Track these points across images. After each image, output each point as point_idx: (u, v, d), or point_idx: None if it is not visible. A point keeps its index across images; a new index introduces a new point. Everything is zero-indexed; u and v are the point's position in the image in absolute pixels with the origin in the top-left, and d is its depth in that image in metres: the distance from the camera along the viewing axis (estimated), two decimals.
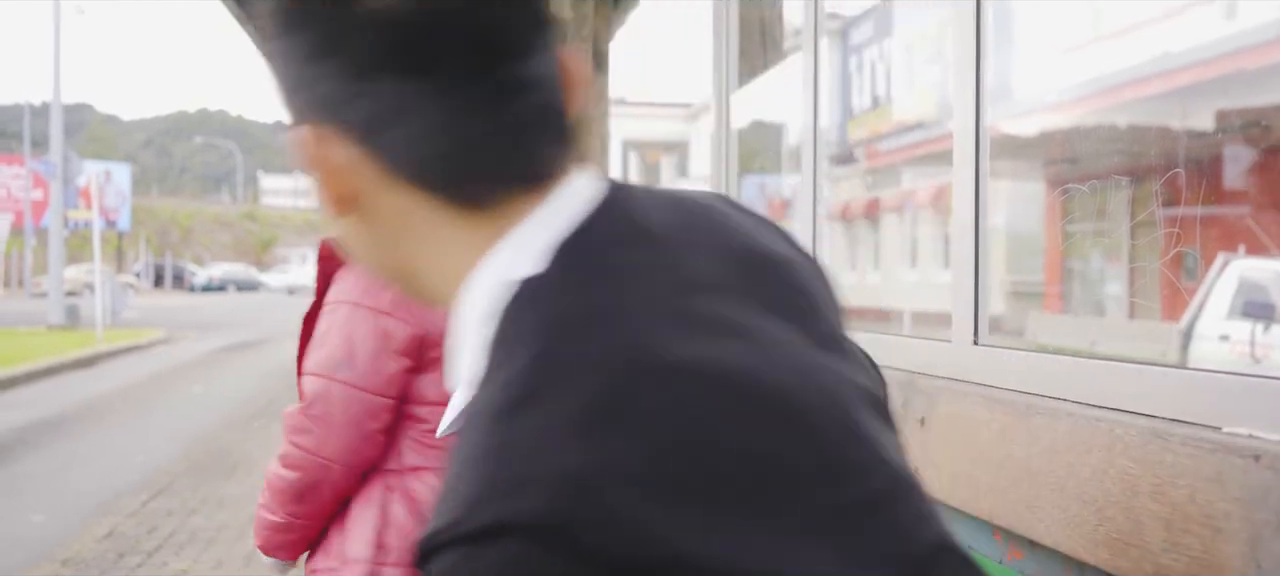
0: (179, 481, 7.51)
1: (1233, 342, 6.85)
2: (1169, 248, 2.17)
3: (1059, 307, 10.60)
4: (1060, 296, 10.69)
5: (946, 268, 7.40)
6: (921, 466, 1.87)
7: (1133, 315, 9.10)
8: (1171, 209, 1.96)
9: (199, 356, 18.74)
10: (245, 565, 5.35)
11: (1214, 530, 1.21)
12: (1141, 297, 8.50)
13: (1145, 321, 8.43)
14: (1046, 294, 10.89)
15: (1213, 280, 7.07)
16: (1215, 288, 7.08)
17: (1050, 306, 10.77)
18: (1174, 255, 2.27)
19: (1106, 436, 1.40)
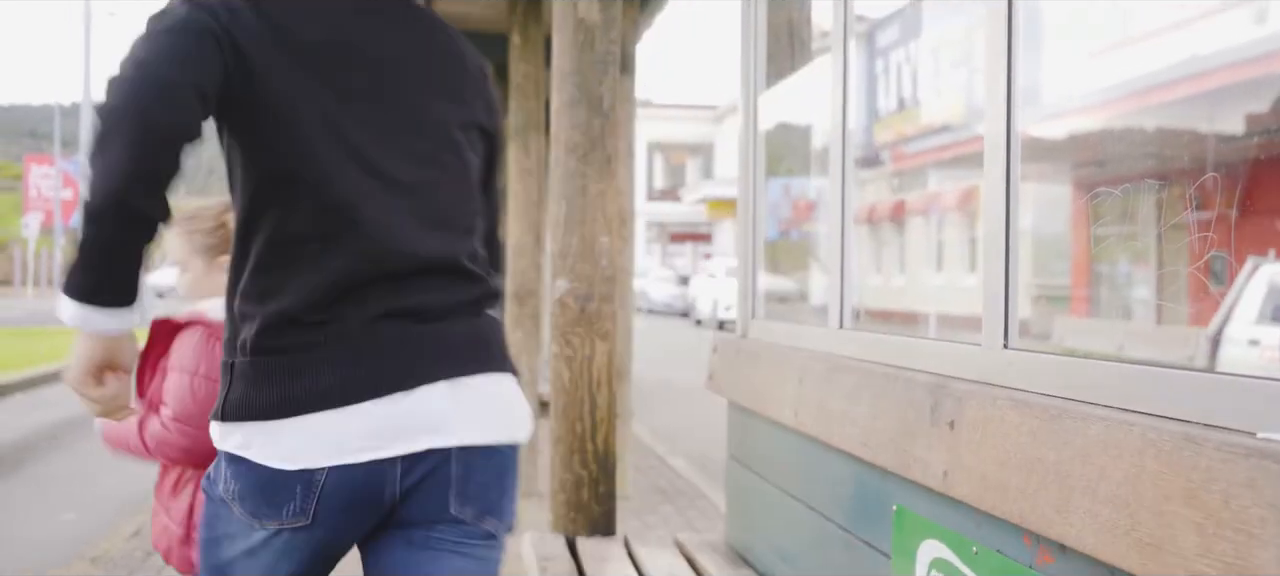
0: None
1: (1263, 347, 6.80)
2: (1198, 252, 2.16)
3: (1086, 311, 10.55)
4: (1088, 300, 10.65)
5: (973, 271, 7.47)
6: (951, 470, 1.87)
7: (1161, 320, 9.05)
8: (1201, 213, 1.95)
9: None
10: None
11: (1248, 536, 1.21)
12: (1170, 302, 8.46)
13: (1173, 326, 8.38)
14: (1073, 298, 10.85)
15: (1242, 284, 7.03)
16: (1245, 292, 7.03)
17: (1077, 310, 10.72)
18: (1204, 260, 2.26)
19: (1139, 440, 1.40)
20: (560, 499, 3.63)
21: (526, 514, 6.50)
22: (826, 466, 2.56)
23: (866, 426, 2.23)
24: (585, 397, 3.61)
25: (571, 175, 3.63)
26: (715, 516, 6.43)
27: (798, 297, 9.82)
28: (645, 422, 10.24)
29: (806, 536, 2.71)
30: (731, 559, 3.29)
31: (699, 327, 28.96)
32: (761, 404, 2.98)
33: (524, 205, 7.28)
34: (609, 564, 3.29)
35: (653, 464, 8.26)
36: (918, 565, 2.09)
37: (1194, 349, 7.06)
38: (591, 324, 3.62)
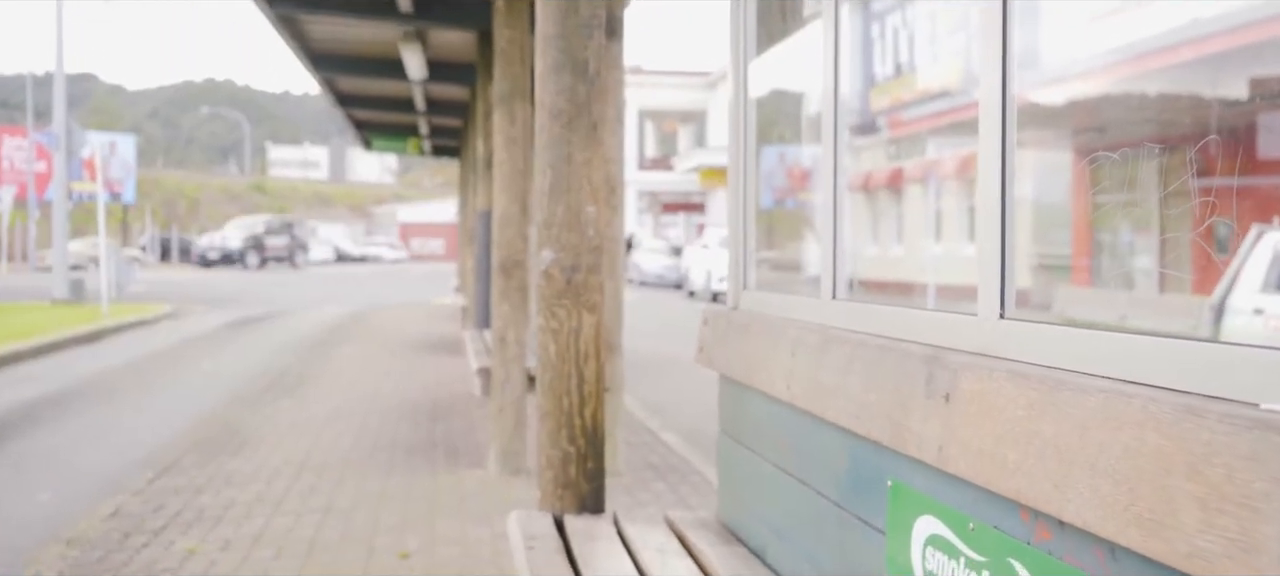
0: (186, 459, 7.55)
1: (1267, 317, 6.80)
2: (1201, 219, 2.15)
3: (1087, 281, 10.55)
4: (1089, 269, 10.64)
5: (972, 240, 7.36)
6: (946, 444, 1.86)
7: (1163, 289, 9.06)
8: (1204, 179, 1.94)
9: (206, 331, 18.82)
10: (253, 544, 5.38)
11: (1252, 511, 1.20)
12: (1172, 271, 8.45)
13: (1176, 295, 8.38)
14: (1074, 267, 10.84)
15: (1246, 253, 7.02)
16: (1249, 260, 7.03)
17: (1078, 279, 10.72)
18: (1206, 227, 2.24)
19: (1139, 413, 1.39)
20: (547, 476, 3.62)
21: (513, 491, 6.50)
22: (820, 441, 2.55)
23: (860, 399, 2.22)
24: (572, 371, 3.60)
25: (556, 142, 3.61)
26: (709, 492, 6.44)
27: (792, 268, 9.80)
28: (637, 396, 10.25)
29: (800, 512, 2.71)
30: (723, 536, 3.29)
31: (692, 300, 28.96)
32: (753, 377, 2.97)
33: (510, 174, 7.25)
34: (598, 542, 3.29)
35: (645, 439, 8.27)
36: (913, 541, 2.08)
37: (1197, 319, 7.06)
38: (578, 295, 3.60)
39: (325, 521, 5.81)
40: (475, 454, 7.65)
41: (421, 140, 22.05)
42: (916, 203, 15.86)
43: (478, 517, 5.88)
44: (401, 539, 5.48)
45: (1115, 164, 2.50)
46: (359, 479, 6.84)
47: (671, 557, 3.12)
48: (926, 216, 15.66)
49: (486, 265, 11.51)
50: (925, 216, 15.72)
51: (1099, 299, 10.38)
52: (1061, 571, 1.62)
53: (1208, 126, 7.70)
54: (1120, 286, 10.23)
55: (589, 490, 3.63)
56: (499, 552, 5.20)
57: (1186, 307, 7.50)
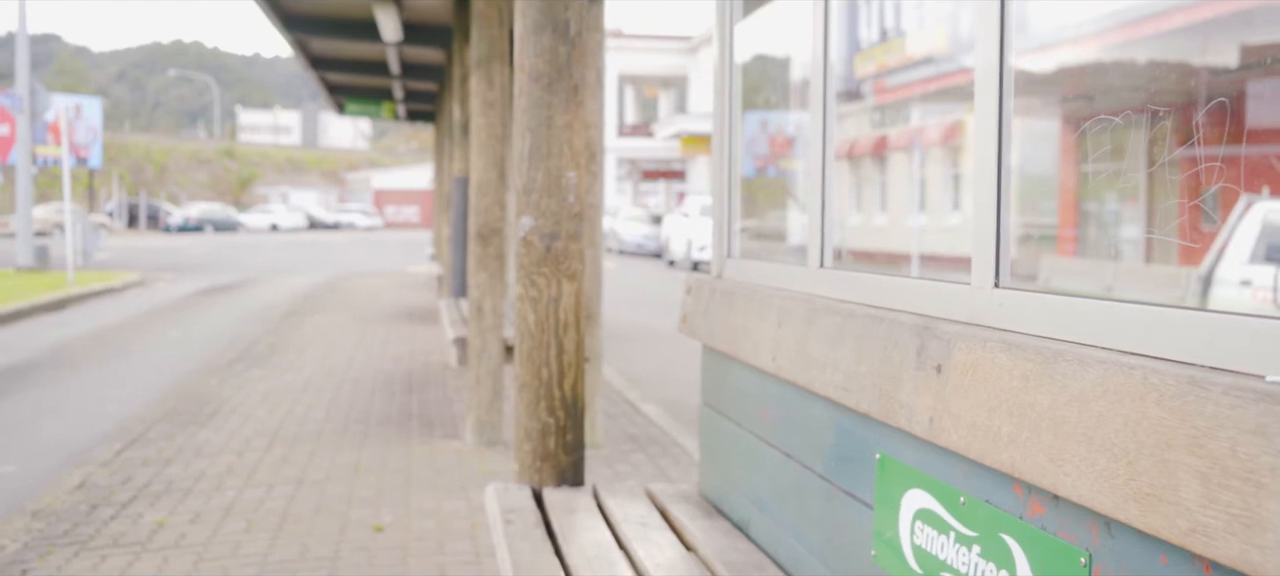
0: (154, 429, 7.50)
1: (1255, 288, 6.83)
2: (1189, 189, 2.13)
3: (1073, 251, 10.58)
4: (1075, 240, 10.68)
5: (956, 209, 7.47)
6: (938, 416, 1.84)
7: (1150, 259, 9.09)
8: (1192, 148, 1.92)
9: (175, 299, 18.70)
10: (224, 516, 5.34)
11: (1256, 486, 1.18)
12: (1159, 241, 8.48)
13: (1163, 266, 8.41)
14: (1060, 237, 10.87)
15: (1235, 223, 7.04)
16: (1237, 231, 7.05)
17: (1064, 250, 10.75)
18: (1192, 197, 2.23)
19: (1140, 385, 1.37)
20: (526, 448, 3.60)
21: (490, 464, 6.48)
22: (806, 413, 2.54)
23: (848, 371, 2.20)
24: (552, 341, 3.57)
25: (536, 105, 3.57)
26: (689, 465, 6.43)
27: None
28: (616, 367, 10.24)
29: (784, 485, 2.69)
30: (705, 509, 3.27)
31: (672, 269, 28.96)
32: (737, 348, 2.95)
33: (487, 139, 7.20)
34: (577, 515, 3.27)
35: (624, 410, 8.26)
36: (902, 515, 2.07)
37: (1185, 289, 7.09)
38: (558, 263, 3.57)
39: (298, 494, 5.78)
40: (451, 425, 7.63)
41: (396, 105, 21.91)
42: (901, 171, 15.89)
43: (454, 490, 5.86)
44: (376, 512, 5.45)
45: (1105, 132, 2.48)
46: (332, 451, 6.81)
47: (653, 531, 3.11)
48: (911, 185, 15.69)
49: (463, 233, 11.46)
50: (910, 185, 15.75)
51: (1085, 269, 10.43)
52: (1055, 547, 1.61)
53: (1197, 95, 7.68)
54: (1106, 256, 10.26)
55: (568, 462, 3.61)
56: (476, 525, 5.19)
57: (1174, 278, 7.54)
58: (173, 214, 62.31)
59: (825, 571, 2.43)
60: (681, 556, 2.89)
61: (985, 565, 1.79)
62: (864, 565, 2.22)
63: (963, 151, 15.07)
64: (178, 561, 4.68)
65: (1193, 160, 1.91)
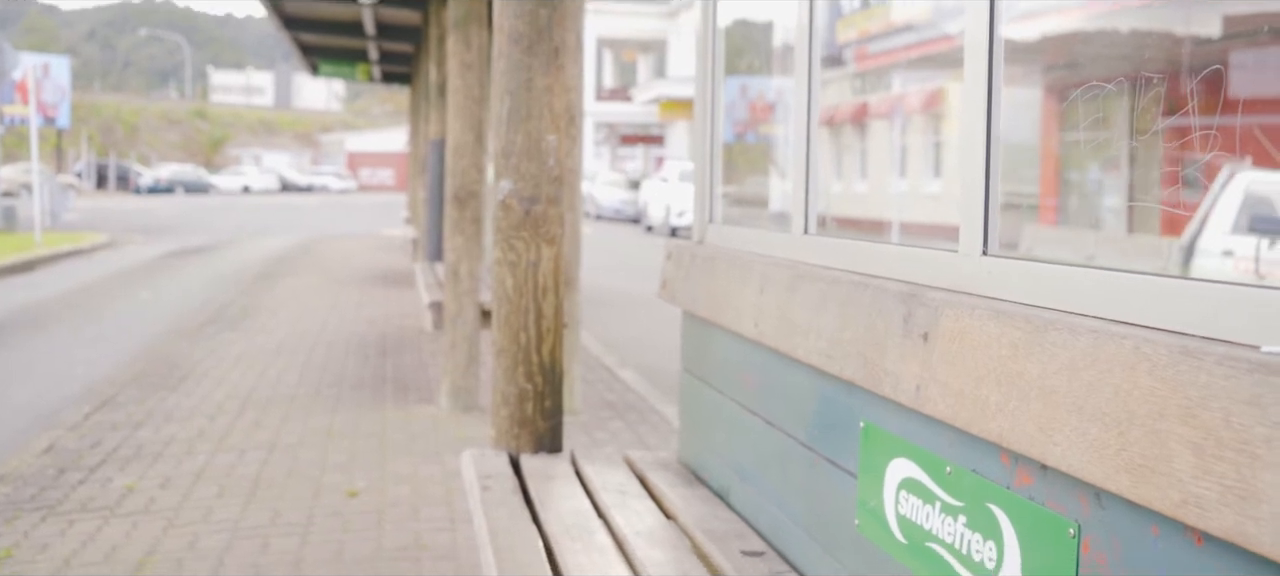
0: (124, 393, 7.44)
1: (1237, 258, 6.86)
2: (1171, 159, 2.12)
3: (1054, 220, 10.60)
4: (1056, 209, 10.70)
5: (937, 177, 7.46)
6: (924, 384, 1.83)
7: (1131, 229, 9.12)
8: (1175, 118, 1.91)
9: (145, 261, 18.57)
10: (194, 481, 5.31)
11: (1250, 457, 1.17)
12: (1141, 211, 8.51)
13: (1144, 236, 8.43)
14: (1042, 206, 10.88)
15: (1217, 193, 7.06)
16: (1220, 201, 7.07)
17: (1045, 219, 10.76)
18: (1176, 167, 2.22)
19: (1131, 354, 1.36)
20: (503, 414, 3.58)
21: (465, 429, 6.47)
22: (788, 380, 2.52)
23: (832, 338, 2.19)
24: (530, 306, 3.55)
25: (515, 67, 3.53)
26: (667, 432, 6.43)
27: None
28: (593, 333, 10.22)
29: (765, 454, 2.69)
30: (684, 476, 3.27)
31: (650, 234, 28.93)
32: (719, 314, 2.93)
33: (465, 102, 7.14)
34: (555, 482, 3.25)
35: (601, 377, 8.25)
36: (886, 485, 2.06)
37: (1166, 260, 7.12)
38: (537, 227, 3.54)
39: (270, 458, 5.75)
40: (426, 390, 7.60)
41: (371, 66, 21.74)
42: (881, 138, 15.88)
43: (429, 455, 5.85)
44: (350, 476, 5.43)
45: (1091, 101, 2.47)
46: (305, 415, 6.77)
47: (631, 498, 3.10)
48: (892, 152, 15.68)
49: (439, 196, 11.39)
50: (890, 152, 15.74)
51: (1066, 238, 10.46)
52: (1043, 517, 1.60)
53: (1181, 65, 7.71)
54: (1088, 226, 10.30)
55: (546, 428, 3.59)
56: (451, 491, 5.17)
57: (1155, 248, 7.56)
58: (143, 175, 61.82)
59: (807, 540, 2.42)
60: (661, 524, 2.88)
61: (971, 535, 1.78)
62: (847, 534, 2.21)
63: (944, 119, 15.08)
64: (147, 526, 4.65)
65: (1176, 130, 1.90)
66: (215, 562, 4.24)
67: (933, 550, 1.90)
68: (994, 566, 1.73)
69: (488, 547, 2.68)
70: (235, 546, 4.43)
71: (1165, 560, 1.36)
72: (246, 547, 4.41)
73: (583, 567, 2.54)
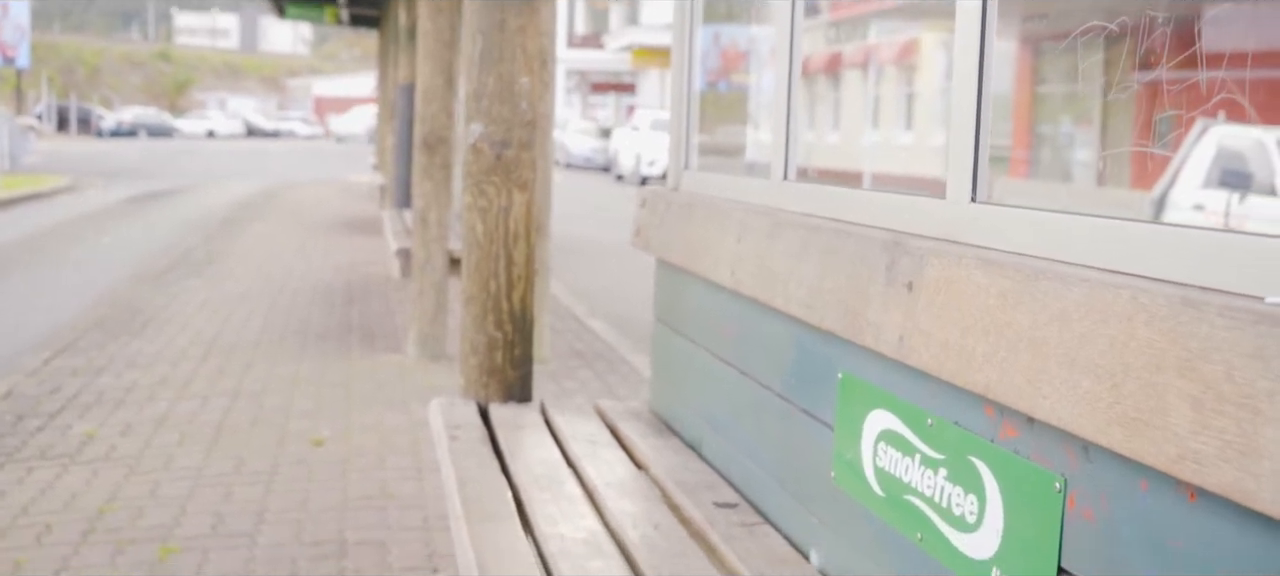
0: (84, 338, 7.33)
1: (1207, 213, 6.86)
2: (1143, 112, 2.08)
3: (1025, 173, 10.59)
4: (1027, 162, 10.68)
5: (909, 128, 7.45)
6: (908, 335, 1.78)
7: (1102, 182, 9.12)
8: (1148, 72, 1.87)
9: (107, 205, 18.32)
10: (156, 428, 5.23)
11: (1253, 411, 1.13)
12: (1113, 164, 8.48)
13: (1115, 189, 8.43)
14: (1012, 160, 10.87)
15: (1190, 147, 7.04)
16: (1192, 155, 7.06)
17: (1016, 172, 10.75)
18: (1148, 120, 2.18)
19: (1128, 304, 1.31)
20: (472, 362, 3.52)
21: (433, 378, 6.41)
22: (765, 330, 2.48)
23: (812, 287, 2.14)
24: (501, 253, 3.48)
25: (488, 6, 3.45)
26: (637, 382, 6.40)
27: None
28: (563, 282, 10.16)
29: (740, 404, 2.64)
30: (656, 427, 3.23)
31: (621, 183, 28.81)
32: (694, 262, 2.88)
33: (435, 45, 7.03)
34: (524, 432, 3.21)
35: (571, 326, 8.20)
36: (864, 437, 2.02)
37: (1137, 213, 7.11)
38: (508, 172, 3.47)
39: (234, 406, 5.68)
40: (393, 338, 7.53)
41: (339, 9, 21.44)
42: (855, 89, 15.78)
43: (396, 404, 5.79)
44: (315, 425, 5.37)
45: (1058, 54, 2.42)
46: (270, 362, 6.70)
47: (602, 448, 3.06)
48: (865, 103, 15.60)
49: (407, 141, 11.26)
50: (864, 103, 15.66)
51: (1037, 192, 10.45)
52: (1028, 470, 1.57)
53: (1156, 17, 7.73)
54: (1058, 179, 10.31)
55: (516, 377, 3.54)
56: (418, 441, 5.12)
57: (1126, 202, 7.56)
58: (105, 118, 60.99)
59: (781, 492, 2.39)
60: (632, 475, 2.84)
61: (952, 488, 1.75)
62: (823, 487, 2.17)
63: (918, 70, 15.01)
64: (108, 474, 4.58)
65: (1150, 84, 1.86)
66: (177, 510, 4.18)
67: (911, 503, 1.87)
68: (975, 520, 1.69)
69: (455, 497, 2.63)
70: (197, 494, 4.36)
71: (1155, 515, 1.33)
72: (209, 495, 4.35)
73: (552, 518, 2.50)
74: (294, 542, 3.92)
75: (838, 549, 2.12)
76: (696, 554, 2.30)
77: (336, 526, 4.08)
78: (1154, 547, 1.32)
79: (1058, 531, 1.49)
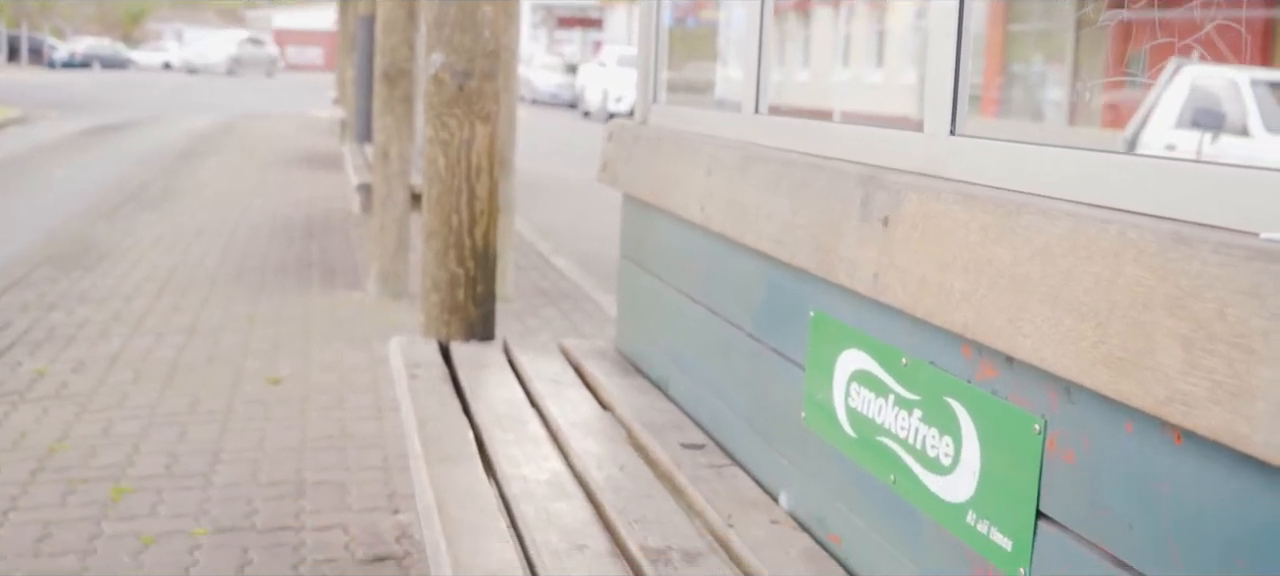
0: (36, 273, 7.20)
1: (1179, 152, 6.86)
2: (1116, 50, 2.04)
3: (996, 112, 10.57)
4: (999, 101, 10.66)
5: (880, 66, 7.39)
6: (883, 272, 1.74)
7: (1073, 120, 9.11)
8: (1119, 10, 1.82)
9: (60, 138, 18.01)
10: (109, 366, 5.14)
11: (1246, 351, 1.09)
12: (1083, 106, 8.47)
13: (1086, 128, 8.42)
14: (984, 98, 10.85)
15: (1163, 86, 7.04)
16: (1165, 95, 7.06)
17: (987, 111, 10.73)
18: (1121, 58, 2.14)
19: (1115, 240, 1.27)
20: (433, 300, 3.46)
21: (394, 316, 6.34)
22: (735, 267, 2.43)
23: (784, 222, 2.09)
24: (463, 187, 3.41)
25: None
26: (602, 320, 6.36)
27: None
28: (528, 219, 10.08)
29: (708, 343, 2.60)
30: (621, 365, 3.18)
31: (587, 120, 28.63)
32: (662, 198, 2.82)
33: None
34: (487, 371, 3.16)
35: (535, 263, 8.14)
36: (835, 377, 1.98)
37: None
38: (471, 104, 3.39)
39: (189, 343, 5.60)
40: (353, 275, 7.44)
41: None
42: (825, 26, 15.70)
43: (355, 342, 5.72)
44: (272, 363, 5.29)
45: None
46: (226, 299, 6.60)
47: (567, 388, 3.02)
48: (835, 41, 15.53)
49: (368, 75, 11.10)
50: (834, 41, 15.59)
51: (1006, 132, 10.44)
52: (1005, 411, 1.53)
53: None
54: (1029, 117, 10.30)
55: (478, 315, 3.48)
56: (378, 379, 5.07)
57: (1098, 141, 7.56)
58: (57, 49, 59.90)
59: (750, 433, 2.35)
60: (597, 415, 2.80)
61: (927, 430, 1.71)
62: (793, 428, 2.14)
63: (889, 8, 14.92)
64: (58, 412, 4.50)
65: (1121, 23, 1.81)
66: (130, 449, 4.11)
67: (884, 444, 1.83)
68: (950, 462, 1.66)
69: (415, 437, 2.58)
70: (151, 433, 4.29)
71: (1138, 458, 1.29)
72: (163, 435, 4.28)
73: (515, 459, 2.46)
74: (250, 483, 3.86)
75: (808, 491, 2.09)
76: (663, 495, 2.27)
77: (294, 466, 4.02)
78: (1137, 491, 1.29)
79: (1037, 474, 1.46)
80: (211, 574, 3.20)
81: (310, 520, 3.59)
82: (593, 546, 2.02)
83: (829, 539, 2.00)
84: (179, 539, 3.41)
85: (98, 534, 3.42)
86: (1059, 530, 1.42)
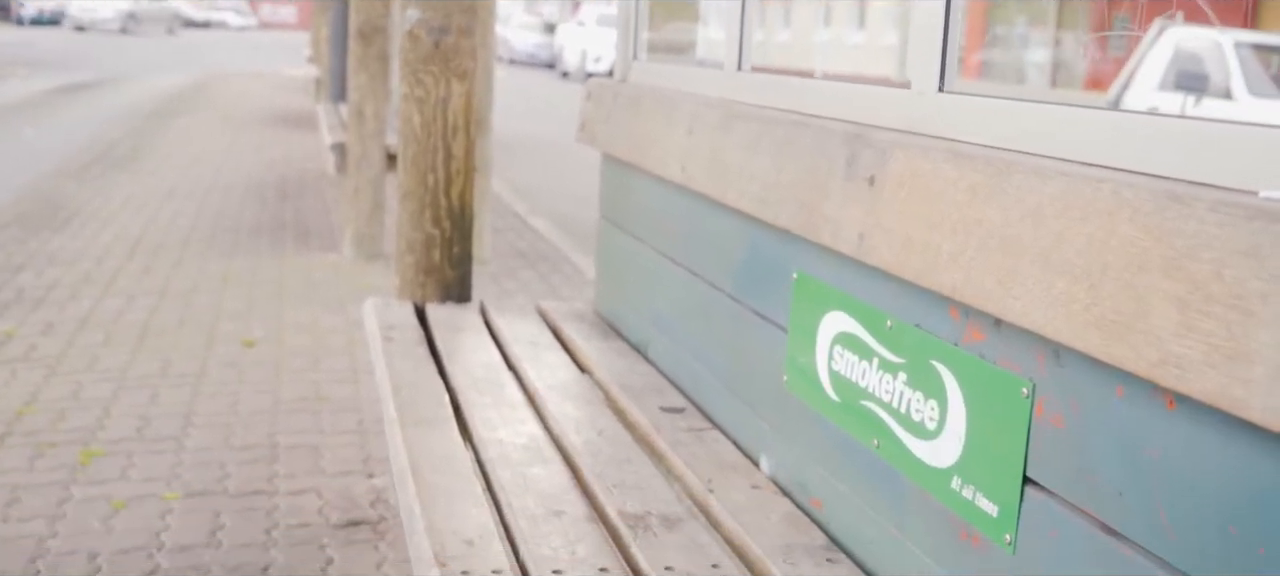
0: (3, 233, 7.11)
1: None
2: (1099, 11, 2.01)
3: (978, 74, 10.53)
4: (980, 64, 10.62)
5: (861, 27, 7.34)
6: (868, 232, 1.71)
7: (1055, 83, 9.09)
8: None
9: (29, 96, 17.79)
10: (79, 328, 5.08)
11: (1244, 313, 1.07)
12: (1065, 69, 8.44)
13: (1068, 90, 8.40)
14: (965, 61, 10.81)
15: (1146, 48, 7.01)
16: (1148, 57, 7.03)
17: (968, 73, 10.69)
18: (1104, 21, 2.11)
19: (1110, 199, 1.24)
20: (408, 261, 3.42)
21: (369, 277, 6.29)
22: (716, 227, 2.40)
23: (767, 182, 2.06)
24: (439, 146, 3.37)
25: None
26: (581, 283, 6.32)
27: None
28: (505, 179, 10.02)
29: (689, 305, 2.57)
30: (600, 328, 3.15)
31: (565, 80, 28.48)
32: (642, 157, 2.79)
33: None
34: (463, 333, 3.12)
35: (512, 224, 8.09)
36: (818, 339, 1.95)
37: None
38: (447, 60, 3.34)
39: (161, 305, 5.54)
40: (328, 237, 7.38)
41: None
42: None
43: (330, 304, 5.67)
44: (246, 325, 5.24)
45: None
46: (199, 260, 6.54)
47: (544, 350, 2.98)
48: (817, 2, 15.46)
49: (343, 33, 10.98)
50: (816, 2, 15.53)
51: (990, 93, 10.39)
52: (993, 375, 1.51)
53: None
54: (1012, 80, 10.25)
55: (454, 277, 3.44)
56: (353, 342, 5.02)
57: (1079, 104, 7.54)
58: (26, 4, 59.14)
59: (731, 397, 2.33)
60: (575, 378, 2.77)
61: (912, 394, 1.69)
62: (775, 391, 2.11)
63: None
64: (27, 374, 4.44)
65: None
66: (100, 413, 4.06)
67: (868, 409, 1.81)
68: (935, 426, 1.64)
69: (390, 401, 2.55)
70: (122, 396, 4.25)
71: (1129, 422, 1.27)
72: (134, 398, 4.24)
73: (491, 422, 2.43)
74: (223, 446, 3.82)
75: (789, 455, 2.07)
76: (642, 459, 2.24)
77: (268, 430, 3.98)
78: (1128, 456, 1.27)
79: (1024, 438, 1.44)
80: (183, 538, 3.17)
81: (284, 484, 3.55)
82: (570, 511, 1.99)
83: (811, 504, 1.98)
84: (150, 503, 3.37)
85: (67, 498, 3.38)
86: (1046, 496, 1.40)
